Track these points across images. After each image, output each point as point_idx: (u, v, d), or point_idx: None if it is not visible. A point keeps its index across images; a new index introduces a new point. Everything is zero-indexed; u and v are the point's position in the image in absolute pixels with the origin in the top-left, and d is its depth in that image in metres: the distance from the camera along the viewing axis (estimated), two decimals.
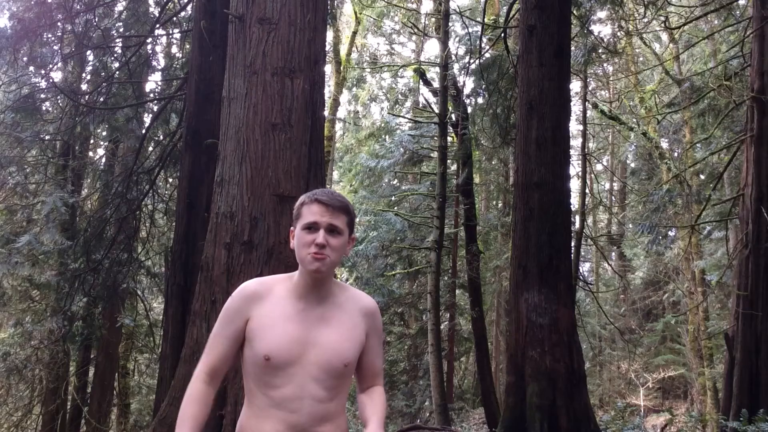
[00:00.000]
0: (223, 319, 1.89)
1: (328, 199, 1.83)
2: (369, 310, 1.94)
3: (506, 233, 15.61)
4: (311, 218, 1.81)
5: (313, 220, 1.81)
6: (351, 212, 1.88)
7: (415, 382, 15.58)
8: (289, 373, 1.79)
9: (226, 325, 1.88)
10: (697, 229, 13.46)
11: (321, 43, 4.78)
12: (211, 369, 1.88)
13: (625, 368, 21.68)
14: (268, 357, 1.78)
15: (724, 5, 11.08)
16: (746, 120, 8.73)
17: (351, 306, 1.91)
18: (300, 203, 1.87)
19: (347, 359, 1.84)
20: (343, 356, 1.83)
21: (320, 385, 1.80)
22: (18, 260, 9.32)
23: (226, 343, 1.87)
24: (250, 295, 1.87)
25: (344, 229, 1.84)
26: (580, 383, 6.00)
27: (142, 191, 9.37)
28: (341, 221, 1.83)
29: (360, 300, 1.94)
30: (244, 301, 1.87)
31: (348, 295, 1.94)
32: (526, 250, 6.30)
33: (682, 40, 17.06)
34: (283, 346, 1.79)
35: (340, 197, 1.86)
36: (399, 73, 20.12)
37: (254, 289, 1.89)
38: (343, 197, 1.88)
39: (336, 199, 1.84)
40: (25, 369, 10.55)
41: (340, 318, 1.87)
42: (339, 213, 1.83)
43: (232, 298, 1.90)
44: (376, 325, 1.96)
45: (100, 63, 10.00)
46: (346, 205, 1.86)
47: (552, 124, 6.43)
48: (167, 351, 6.23)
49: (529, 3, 6.73)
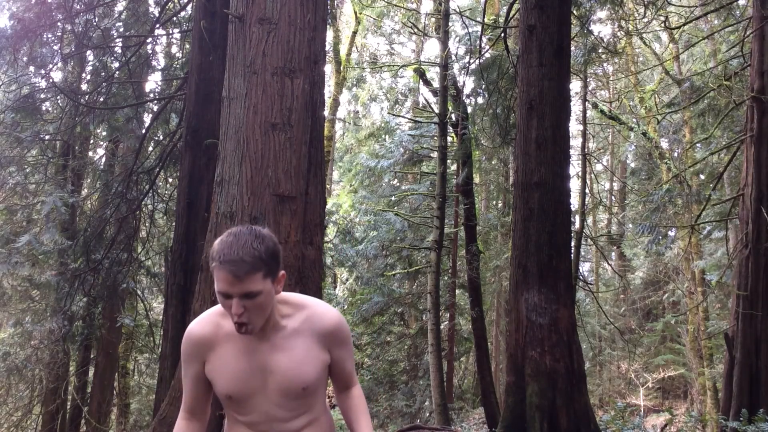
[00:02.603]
0: (183, 363, 1.91)
1: (236, 266, 1.62)
2: (326, 329, 1.86)
3: (506, 233, 15.62)
4: (223, 287, 1.66)
5: (224, 291, 1.66)
6: (266, 261, 1.67)
7: (415, 382, 15.58)
8: (252, 403, 1.84)
9: (187, 368, 1.91)
10: (697, 229, 13.46)
11: (321, 43, 4.78)
12: (189, 407, 1.94)
13: (625, 368, 21.69)
14: (229, 396, 1.83)
15: (724, 5, 11.07)
16: (746, 120, 8.73)
17: (306, 328, 1.85)
18: (211, 261, 1.68)
19: (305, 382, 1.84)
20: (301, 380, 1.83)
21: (284, 408, 1.85)
22: (18, 260, 9.33)
23: (194, 384, 1.91)
24: (197, 342, 1.85)
25: (262, 287, 1.67)
26: (580, 383, 5.99)
27: (142, 191, 9.38)
28: (256, 282, 1.65)
29: (318, 320, 1.86)
30: (193, 348, 1.86)
31: (305, 315, 1.86)
32: (526, 250, 6.30)
33: (682, 40, 17.07)
34: (240, 384, 1.82)
35: (249, 252, 1.64)
36: (399, 73, 20.12)
37: (199, 335, 1.85)
38: (254, 247, 1.65)
39: (245, 258, 1.63)
40: (25, 369, 10.56)
41: (294, 343, 1.83)
42: (250, 276, 1.64)
43: (183, 344, 1.88)
44: (339, 338, 1.90)
45: (100, 63, 10.00)
46: (257, 260, 1.65)
47: (552, 124, 6.43)
48: (167, 351, 6.24)
49: (529, 3, 6.73)
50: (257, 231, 1.70)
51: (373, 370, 16.50)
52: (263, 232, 1.71)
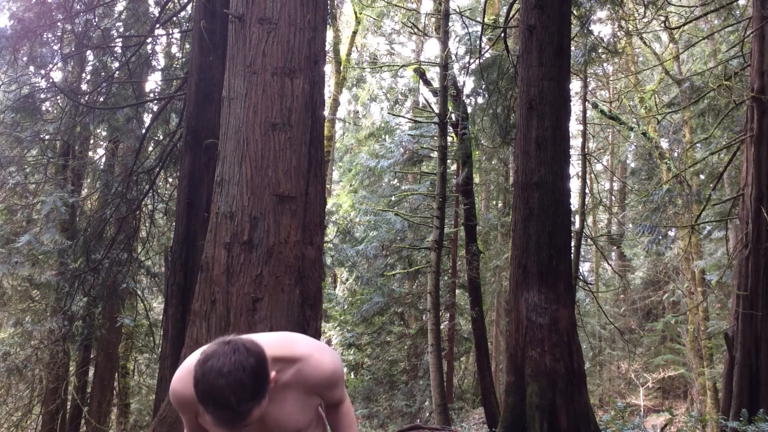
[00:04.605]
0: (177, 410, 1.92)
1: (232, 419, 1.58)
2: (317, 384, 1.87)
3: (506, 233, 15.62)
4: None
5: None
6: (258, 392, 1.61)
7: (415, 382, 15.58)
8: None
9: (182, 415, 1.92)
10: (697, 229, 13.47)
11: (321, 42, 4.78)
12: None
13: (625, 368, 21.69)
14: None
15: (724, 5, 11.08)
16: (746, 120, 8.73)
17: (297, 383, 1.85)
18: (199, 397, 1.59)
19: (298, 427, 1.89)
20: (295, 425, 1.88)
21: None
22: (18, 260, 9.33)
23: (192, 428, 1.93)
24: (183, 401, 1.82)
25: (259, 411, 1.64)
26: (580, 383, 5.99)
27: (142, 191, 9.37)
28: (253, 416, 1.63)
29: (309, 376, 1.85)
30: (181, 405, 1.85)
31: (295, 368, 1.83)
32: (526, 250, 6.30)
33: (682, 40, 17.07)
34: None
35: (242, 396, 1.57)
36: (399, 73, 20.12)
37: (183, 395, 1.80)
38: (246, 383, 1.57)
39: (237, 410, 1.57)
40: (25, 369, 10.56)
41: (285, 397, 1.84)
42: (247, 417, 1.61)
43: (171, 398, 1.85)
44: (330, 386, 1.92)
45: (100, 63, 10.00)
46: (251, 400, 1.59)
47: (552, 124, 6.43)
48: (167, 351, 6.23)
49: (529, 3, 6.73)
50: (240, 358, 1.58)
51: (373, 370, 16.51)
52: (246, 355, 1.59)
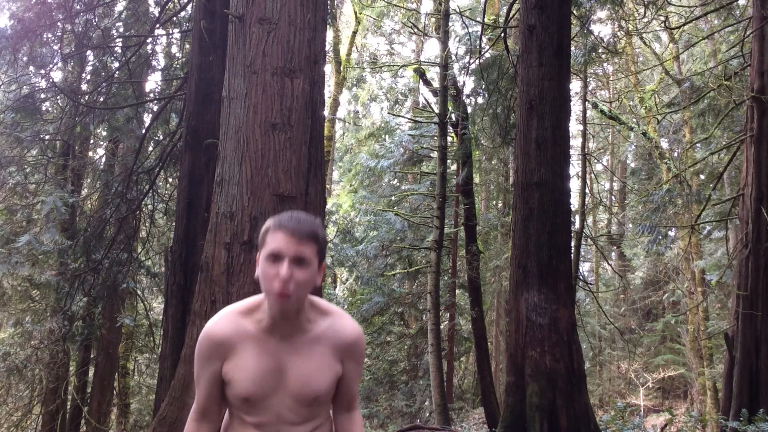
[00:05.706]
0: (199, 362, 1.86)
1: (295, 226, 1.67)
2: (346, 343, 1.85)
3: (506, 233, 15.62)
4: (275, 247, 1.66)
5: (277, 250, 1.66)
6: (321, 239, 1.72)
7: (415, 382, 15.58)
8: (264, 405, 1.81)
9: (202, 369, 1.85)
10: (697, 229, 13.47)
11: (321, 42, 4.78)
12: (202, 409, 1.90)
13: (625, 368, 21.69)
14: (245, 398, 1.80)
15: (724, 5, 11.08)
16: (746, 120, 8.73)
17: (328, 337, 1.84)
18: (265, 230, 1.71)
19: (318, 392, 1.83)
20: (314, 389, 1.82)
21: (294, 413, 1.83)
22: (18, 260, 9.33)
23: (209, 386, 1.86)
24: (218, 342, 1.81)
25: (312, 260, 1.69)
26: (580, 383, 5.99)
27: (142, 191, 9.37)
28: (309, 250, 1.67)
29: (339, 332, 1.85)
30: (213, 348, 1.82)
31: (328, 323, 1.84)
32: (526, 250, 6.30)
33: (682, 40, 17.08)
34: (258, 387, 1.79)
35: (309, 224, 1.70)
36: (399, 73, 20.13)
37: (220, 334, 1.80)
38: (313, 223, 1.72)
39: (304, 226, 1.68)
40: (25, 369, 10.56)
41: (313, 351, 1.82)
42: (307, 242, 1.67)
43: (201, 343, 1.83)
44: (355, 353, 1.89)
45: (100, 63, 10.00)
46: (315, 232, 1.69)
47: (552, 124, 6.43)
48: (167, 351, 6.23)
49: (529, 3, 6.73)
50: (315, 217, 1.77)
51: (373, 370, 16.51)
52: (319, 221, 1.77)
